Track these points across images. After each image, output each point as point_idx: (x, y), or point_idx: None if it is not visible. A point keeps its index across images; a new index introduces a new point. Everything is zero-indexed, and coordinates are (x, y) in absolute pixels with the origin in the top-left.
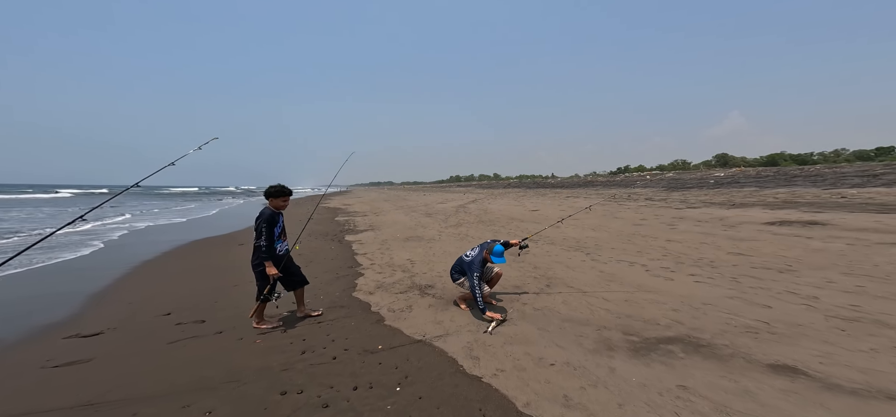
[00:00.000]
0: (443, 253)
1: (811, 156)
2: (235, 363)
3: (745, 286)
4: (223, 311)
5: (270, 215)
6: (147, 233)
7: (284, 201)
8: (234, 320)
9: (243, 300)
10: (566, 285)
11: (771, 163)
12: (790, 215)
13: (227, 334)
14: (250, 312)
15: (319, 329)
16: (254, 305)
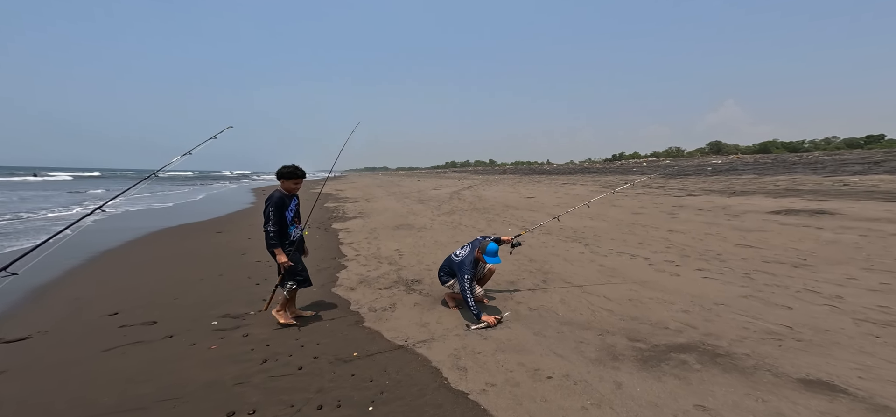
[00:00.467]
0: (433, 244)
1: (802, 144)
2: (180, 376)
3: (760, 283)
4: (181, 310)
5: (280, 197)
6: (122, 218)
7: (296, 183)
8: (192, 320)
9: (207, 296)
10: (564, 280)
11: (763, 150)
12: (794, 203)
13: (178, 338)
14: (264, 305)
15: (288, 333)
16: (269, 296)
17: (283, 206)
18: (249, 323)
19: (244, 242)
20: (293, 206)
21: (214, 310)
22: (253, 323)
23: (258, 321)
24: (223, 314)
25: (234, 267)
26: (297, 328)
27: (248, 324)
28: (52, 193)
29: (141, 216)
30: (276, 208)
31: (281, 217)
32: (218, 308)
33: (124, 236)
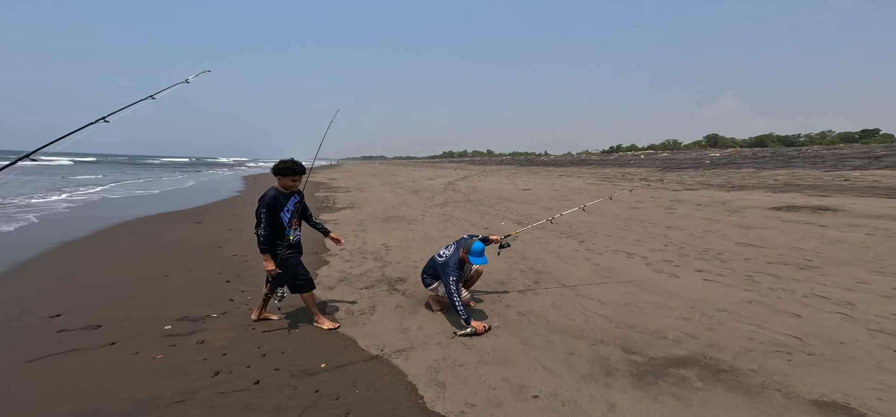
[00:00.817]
0: (423, 238)
1: (798, 138)
2: (110, 392)
3: (764, 286)
4: (134, 311)
5: (273, 197)
6: (96, 205)
7: (295, 180)
8: (143, 324)
9: (168, 296)
10: (557, 281)
11: (760, 144)
12: (795, 198)
13: (121, 345)
14: (255, 314)
15: (250, 340)
16: (258, 305)
17: (276, 206)
18: (208, 328)
19: (223, 234)
20: (291, 205)
21: (172, 312)
22: (212, 328)
23: (219, 324)
24: (181, 317)
25: (206, 262)
26: (250, 333)
27: (207, 329)
28: (36, 178)
29: (118, 204)
30: (267, 210)
31: (273, 219)
32: (176, 310)
33: (93, 226)
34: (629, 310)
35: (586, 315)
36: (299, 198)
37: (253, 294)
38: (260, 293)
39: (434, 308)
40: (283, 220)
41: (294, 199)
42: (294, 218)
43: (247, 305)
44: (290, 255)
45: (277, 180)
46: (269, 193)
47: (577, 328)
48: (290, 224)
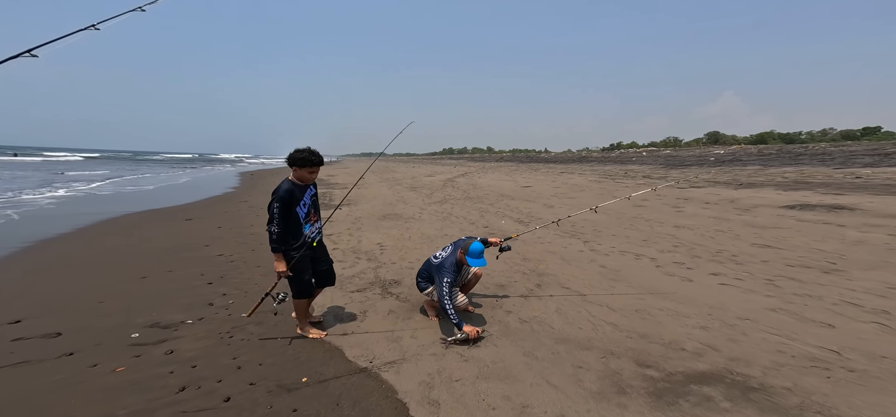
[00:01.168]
0: (420, 237)
1: (799, 135)
2: (59, 411)
3: (787, 291)
4: (102, 317)
5: (287, 190)
6: (83, 201)
7: (313, 171)
8: (109, 331)
9: (142, 299)
10: (561, 284)
11: (760, 141)
12: (808, 197)
13: (80, 356)
14: (249, 310)
15: (225, 349)
16: (255, 302)
17: (291, 201)
18: (180, 336)
19: (212, 231)
20: (307, 199)
21: (143, 317)
22: (185, 336)
23: (193, 332)
24: (152, 323)
25: (189, 262)
26: (227, 341)
27: (179, 337)
28: (29, 173)
29: (106, 200)
30: (281, 205)
31: (288, 215)
32: (149, 315)
33: (75, 223)
34: (641, 318)
35: (594, 323)
36: (315, 191)
37: (235, 298)
38: (247, 295)
39: (430, 315)
40: (299, 215)
41: (310, 192)
42: (311, 212)
43: (227, 310)
44: (304, 256)
45: (292, 171)
46: (282, 186)
47: (584, 339)
48: (307, 219)
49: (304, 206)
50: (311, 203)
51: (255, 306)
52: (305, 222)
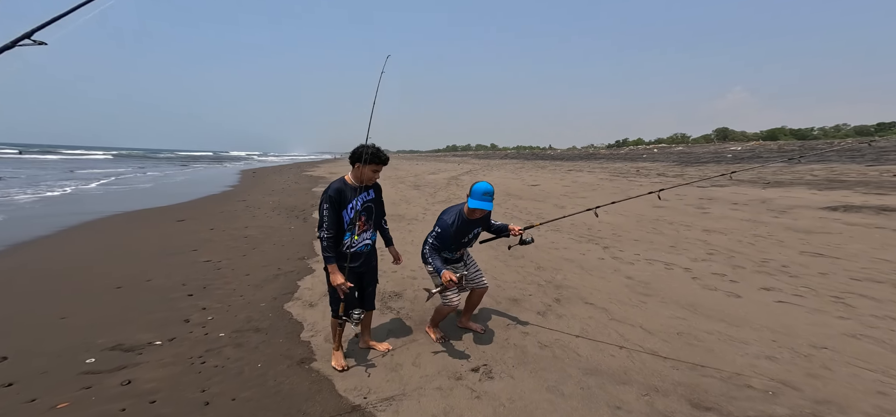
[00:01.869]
0: (423, 241)
1: (812, 131)
2: None
3: (863, 312)
4: (57, 338)
5: (336, 190)
6: (70, 200)
7: (375, 170)
8: (61, 356)
9: (110, 314)
10: (583, 299)
11: (771, 137)
12: (849, 197)
13: (19, 387)
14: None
15: (194, 379)
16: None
17: (340, 201)
18: (143, 361)
19: (203, 234)
20: (358, 203)
21: (106, 336)
22: (149, 361)
23: (159, 356)
24: (114, 344)
25: (172, 269)
26: (199, 368)
27: (141, 362)
28: (39, 172)
29: (96, 199)
30: (331, 205)
31: (336, 217)
32: (113, 334)
33: (59, 224)
34: (685, 343)
35: (629, 350)
36: (374, 195)
37: (215, 313)
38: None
39: (433, 335)
40: (344, 220)
41: (365, 196)
42: (361, 219)
43: (203, 328)
44: (346, 268)
45: (351, 169)
46: (332, 185)
47: (619, 369)
48: (353, 226)
49: (352, 210)
50: (363, 209)
51: (336, 342)
52: (350, 228)
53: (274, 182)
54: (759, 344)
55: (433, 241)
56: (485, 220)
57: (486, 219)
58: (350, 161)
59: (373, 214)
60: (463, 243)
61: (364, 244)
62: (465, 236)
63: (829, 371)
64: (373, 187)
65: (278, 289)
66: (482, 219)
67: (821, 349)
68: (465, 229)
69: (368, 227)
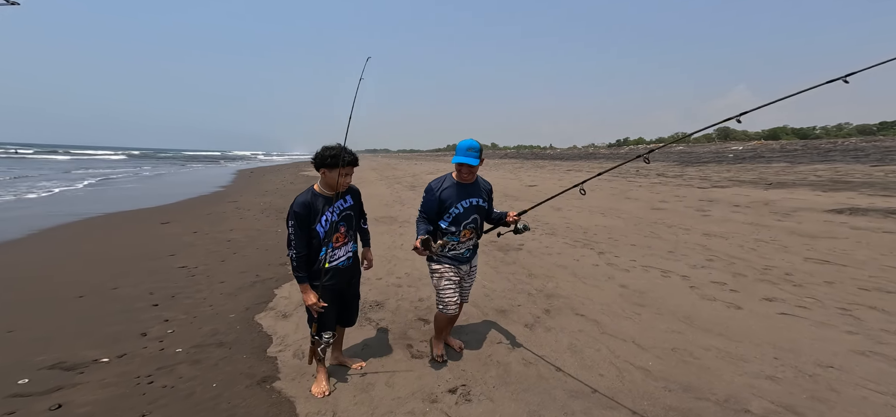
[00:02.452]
0: (412, 245)
1: (813, 130)
2: None
3: (873, 326)
4: None
5: (303, 204)
6: (57, 200)
7: (345, 174)
8: None
9: (62, 326)
10: (574, 310)
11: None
12: (854, 199)
13: None
14: (307, 359)
15: (136, 402)
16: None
17: (308, 216)
18: (83, 381)
19: (185, 237)
20: (333, 213)
21: (50, 353)
22: (89, 381)
23: (102, 375)
24: (55, 362)
25: (143, 276)
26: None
27: (81, 383)
28: (32, 172)
29: (79, 200)
30: (297, 222)
31: (306, 234)
32: (57, 350)
33: (29, 227)
34: (681, 360)
35: (619, 368)
36: (351, 202)
37: (178, 326)
38: (194, 321)
39: (436, 350)
40: (319, 233)
41: (342, 204)
42: (340, 231)
43: (160, 343)
44: (328, 285)
45: (320, 176)
46: (298, 198)
47: (608, 390)
48: (329, 238)
49: (328, 222)
50: (341, 219)
51: (316, 363)
52: (326, 242)
53: (269, 182)
54: (760, 362)
55: (420, 209)
56: (479, 190)
57: (479, 190)
58: (315, 167)
59: (353, 223)
60: (461, 220)
61: (345, 258)
62: (455, 205)
63: (836, 393)
64: (350, 193)
65: (252, 298)
66: (477, 188)
67: (827, 369)
68: (454, 196)
69: (349, 238)
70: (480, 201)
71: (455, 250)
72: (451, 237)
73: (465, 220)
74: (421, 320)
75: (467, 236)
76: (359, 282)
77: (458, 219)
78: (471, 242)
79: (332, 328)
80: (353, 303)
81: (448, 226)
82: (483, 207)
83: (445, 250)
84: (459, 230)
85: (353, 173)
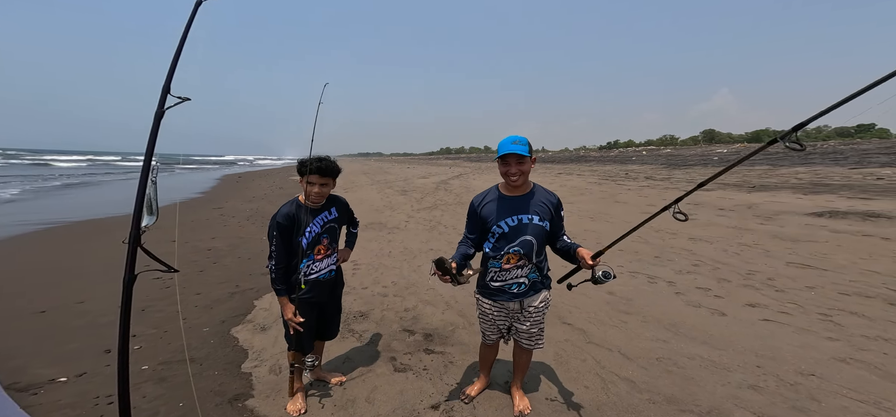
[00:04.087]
0: (402, 252)
1: None
2: None
3: (854, 332)
4: None
5: (286, 215)
6: (26, 206)
7: (323, 184)
8: None
9: (22, 345)
10: (561, 318)
11: (755, 139)
12: (834, 202)
13: None
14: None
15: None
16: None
17: (291, 227)
18: (37, 403)
19: (162, 246)
20: (317, 226)
21: (2, 373)
22: (43, 403)
23: (55, 397)
24: (9, 383)
25: (112, 289)
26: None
27: (34, 405)
28: None
29: (40, 208)
30: (280, 232)
31: (289, 246)
32: (12, 370)
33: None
34: (666, 370)
35: (604, 379)
36: (336, 214)
37: (146, 342)
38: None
39: (475, 387)
40: (301, 245)
41: (326, 216)
42: (320, 242)
43: None
44: (306, 299)
45: (302, 184)
46: (282, 209)
47: (592, 404)
48: (311, 249)
49: (311, 234)
50: (325, 231)
51: (290, 386)
52: (308, 254)
53: (257, 188)
54: (743, 371)
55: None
56: (535, 204)
57: (535, 204)
58: (299, 173)
59: (336, 235)
60: (504, 243)
61: (327, 271)
62: (498, 223)
63: (817, 403)
64: (335, 205)
65: (230, 310)
66: (531, 201)
67: (808, 377)
68: (496, 211)
69: (332, 250)
70: (536, 219)
71: (497, 281)
72: (493, 264)
73: (512, 243)
74: (406, 331)
75: (513, 262)
76: (341, 295)
77: (501, 241)
78: (522, 273)
79: (312, 349)
80: (335, 316)
81: (491, 251)
82: (540, 226)
83: (483, 278)
84: (501, 255)
85: (336, 184)
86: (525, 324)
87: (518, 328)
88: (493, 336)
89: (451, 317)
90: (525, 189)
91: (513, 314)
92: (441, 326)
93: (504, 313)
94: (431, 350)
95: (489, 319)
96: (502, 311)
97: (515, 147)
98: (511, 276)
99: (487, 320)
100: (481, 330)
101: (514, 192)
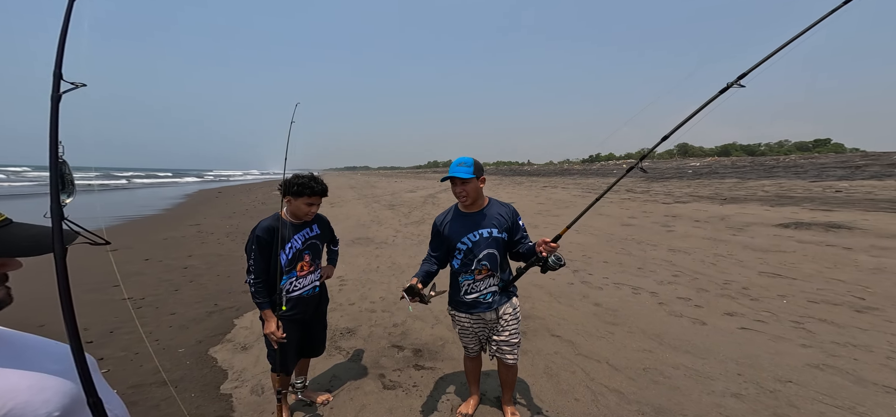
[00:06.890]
0: (389, 267)
1: (758, 147)
2: None
3: (825, 339)
4: None
5: (267, 229)
6: None
7: (310, 203)
8: None
9: None
10: (549, 331)
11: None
12: (798, 213)
13: None
14: None
15: None
16: None
17: (271, 240)
18: None
19: (135, 264)
20: (298, 241)
21: None
22: None
23: None
24: None
25: (77, 310)
26: None
27: None
28: None
29: None
30: (259, 246)
31: (266, 260)
32: None
33: None
34: (652, 380)
35: (594, 390)
36: (318, 231)
37: (116, 363)
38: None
39: (461, 407)
40: (281, 260)
41: (307, 232)
42: (302, 258)
43: None
44: (290, 315)
45: (286, 203)
46: (262, 223)
47: (584, 416)
48: (293, 265)
49: (292, 250)
50: (306, 248)
51: (278, 410)
52: (289, 270)
53: (238, 202)
54: (725, 379)
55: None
56: (492, 217)
57: (491, 218)
58: (281, 194)
59: (319, 252)
60: (472, 258)
61: (310, 288)
62: (462, 240)
63: (796, 409)
64: (317, 222)
65: (208, 330)
66: (487, 215)
67: (786, 384)
68: (459, 229)
69: (314, 267)
70: (495, 231)
71: (471, 293)
72: (465, 277)
73: (478, 257)
74: (395, 347)
75: (484, 273)
76: (326, 311)
77: (468, 257)
78: (492, 282)
79: (295, 368)
80: (321, 333)
81: (460, 267)
82: (499, 237)
83: (457, 294)
84: (471, 269)
85: (321, 203)
86: (503, 333)
87: (497, 339)
88: (475, 348)
89: (440, 332)
90: (480, 205)
91: (490, 324)
92: (430, 341)
93: (481, 323)
94: (421, 366)
95: (470, 332)
96: (480, 322)
97: (459, 170)
98: (484, 286)
99: (468, 333)
100: (463, 344)
101: (470, 208)
